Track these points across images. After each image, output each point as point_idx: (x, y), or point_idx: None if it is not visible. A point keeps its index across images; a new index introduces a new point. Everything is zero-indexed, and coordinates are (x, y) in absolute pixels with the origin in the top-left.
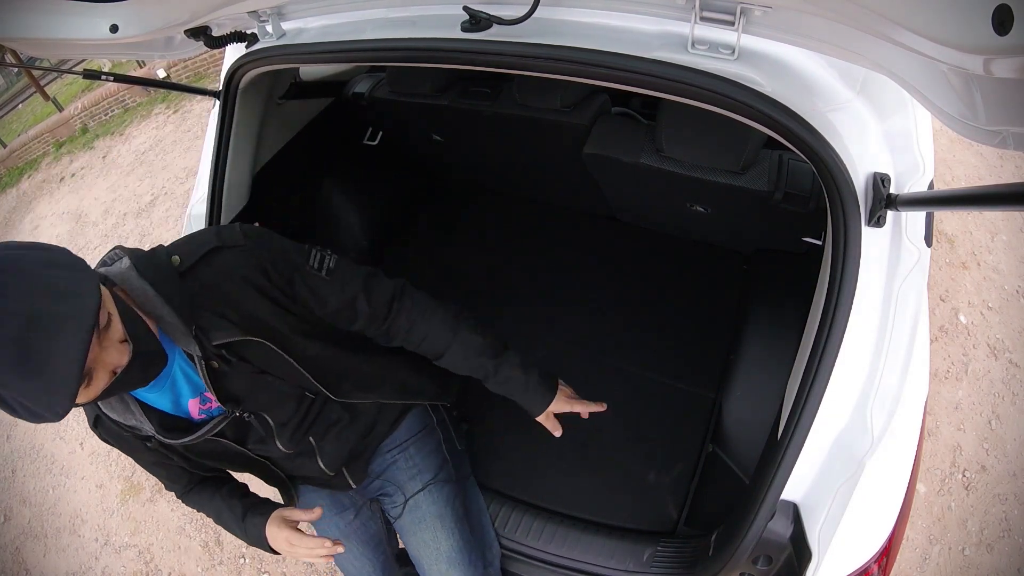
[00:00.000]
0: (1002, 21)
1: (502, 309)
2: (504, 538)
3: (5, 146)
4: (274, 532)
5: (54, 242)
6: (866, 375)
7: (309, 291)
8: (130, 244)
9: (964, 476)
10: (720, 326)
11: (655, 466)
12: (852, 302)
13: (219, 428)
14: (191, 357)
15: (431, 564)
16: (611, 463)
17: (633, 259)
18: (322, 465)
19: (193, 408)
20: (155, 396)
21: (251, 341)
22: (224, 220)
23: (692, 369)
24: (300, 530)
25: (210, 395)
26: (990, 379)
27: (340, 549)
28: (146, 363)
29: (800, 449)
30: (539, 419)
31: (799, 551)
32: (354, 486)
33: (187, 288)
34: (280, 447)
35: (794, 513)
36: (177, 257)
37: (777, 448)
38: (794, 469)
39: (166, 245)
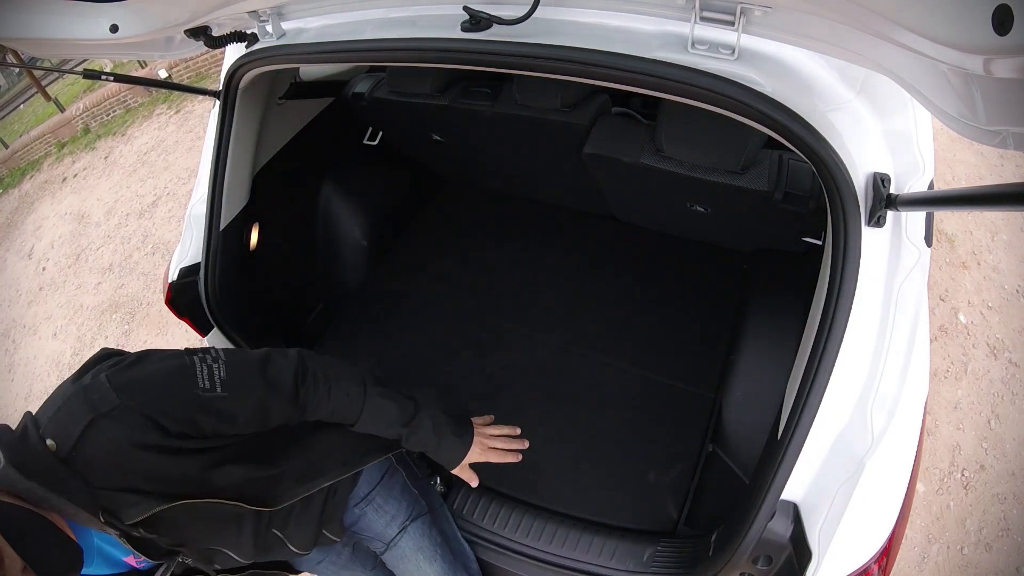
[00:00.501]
0: (1002, 21)
1: (501, 309)
2: (504, 538)
3: (7, 147)
4: None
5: (57, 243)
6: (866, 375)
7: (216, 419)
8: (133, 244)
9: (963, 475)
10: (720, 326)
11: (655, 466)
12: (852, 302)
13: (169, 573)
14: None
15: None
16: (611, 463)
17: (633, 259)
18: (295, 549)
19: (131, 561)
20: (94, 570)
21: (169, 508)
22: (224, 220)
23: (692, 369)
24: None
25: None
26: (989, 379)
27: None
28: None
29: (800, 449)
30: (455, 472)
31: (799, 551)
32: (337, 540)
33: (76, 473)
34: (244, 561)
35: (794, 513)
36: (52, 442)
37: (777, 448)
38: (794, 469)
39: (35, 415)
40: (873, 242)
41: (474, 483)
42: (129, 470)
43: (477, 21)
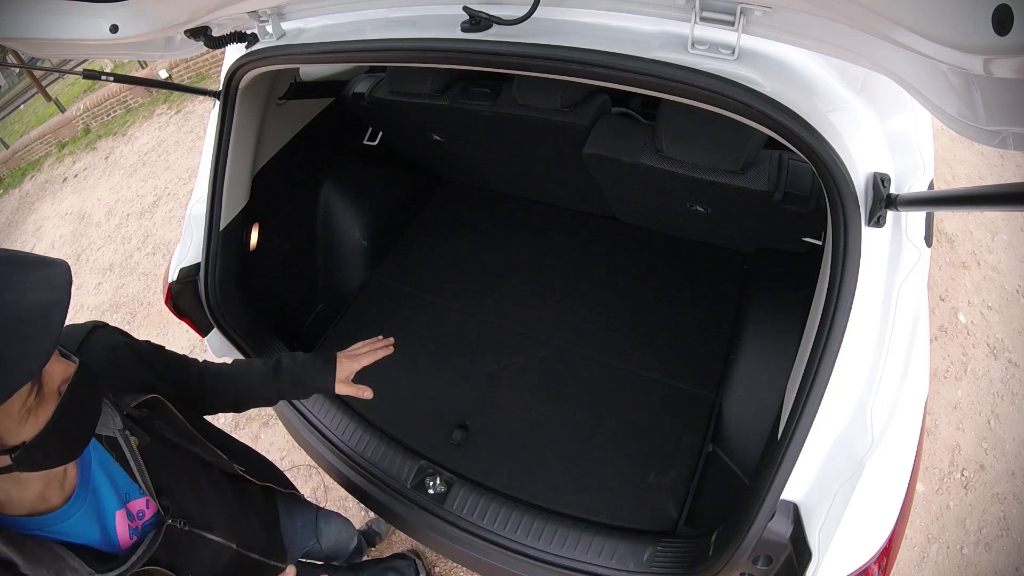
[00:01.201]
0: (1002, 21)
1: (502, 310)
2: (504, 538)
3: (8, 147)
4: None
5: (57, 243)
6: (866, 375)
7: (162, 364)
8: (133, 245)
9: (963, 475)
10: (720, 326)
11: (655, 466)
12: (852, 302)
13: (154, 547)
14: (108, 446)
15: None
16: (611, 463)
17: (633, 259)
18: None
19: (122, 527)
20: (80, 521)
21: (154, 399)
22: (224, 220)
23: (692, 369)
24: None
25: (137, 505)
26: (989, 379)
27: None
28: (90, 383)
29: (800, 449)
30: (340, 391)
31: (799, 551)
32: (285, 566)
33: None
34: (219, 539)
35: (794, 513)
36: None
37: (777, 448)
38: (794, 469)
39: None
40: (873, 242)
41: (366, 394)
42: (121, 368)
43: (477, 21)
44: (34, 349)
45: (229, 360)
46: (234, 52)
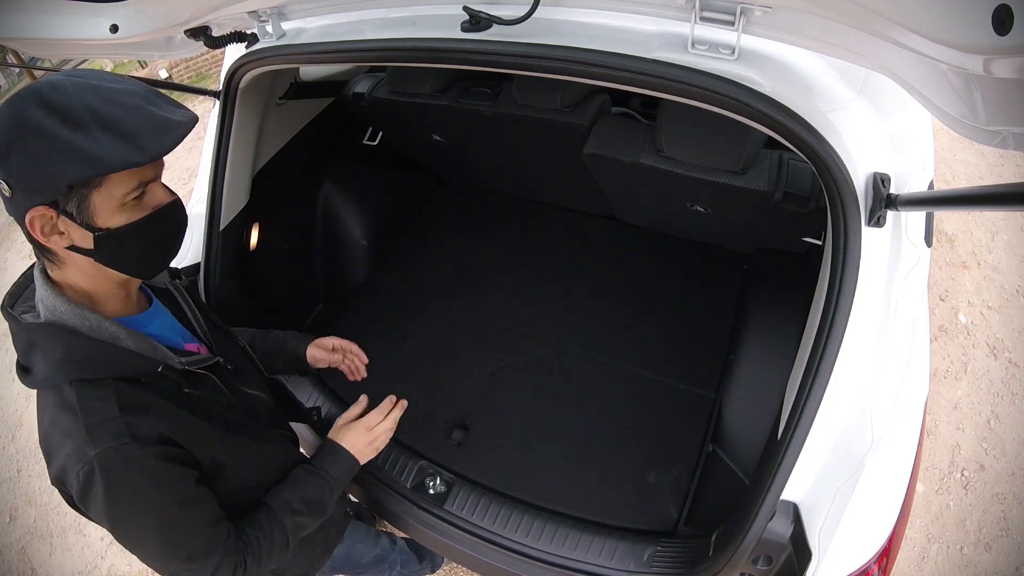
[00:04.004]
0: (1002, 21)
1: (501, 309)
2: (504, 538)
3: None
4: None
5: None
6: (866, 375)
7: None
8: None
9: (963, 475)
10: (720, 326)
11: (655, 466)
12: (852, 302)
13: (213, 360)
14: (161, 297)
15: None
16: (611, 463)
17: (633, 259)
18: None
19: (190, 348)
20: (160, 330)
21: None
22: (224, 220)
23: (692, 369)
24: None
25: (191, 347)
26: (989, 379)
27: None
28: (179, 215)
29: (800, 449)
30: (312, 353)
31: (799, 551)
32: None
33: None
34: (251, 390)
35: (794, 513)
36: None
37: (777, 448)
38: (794, 469)
39: None
40: (873, 242)
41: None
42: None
43: (477, 21)
44: (160, 143)
45: None
46: (234, 52)
